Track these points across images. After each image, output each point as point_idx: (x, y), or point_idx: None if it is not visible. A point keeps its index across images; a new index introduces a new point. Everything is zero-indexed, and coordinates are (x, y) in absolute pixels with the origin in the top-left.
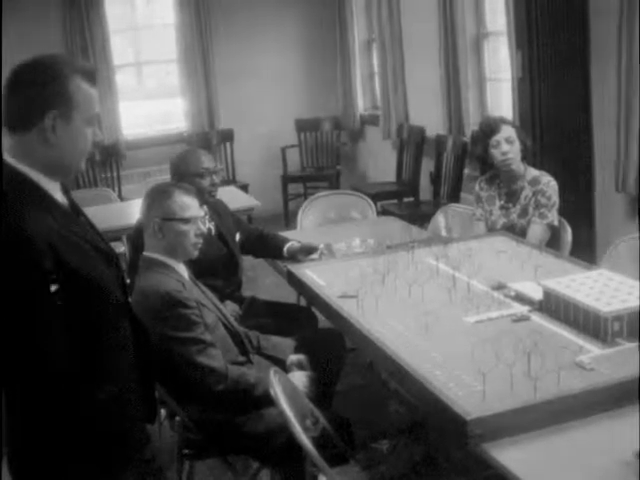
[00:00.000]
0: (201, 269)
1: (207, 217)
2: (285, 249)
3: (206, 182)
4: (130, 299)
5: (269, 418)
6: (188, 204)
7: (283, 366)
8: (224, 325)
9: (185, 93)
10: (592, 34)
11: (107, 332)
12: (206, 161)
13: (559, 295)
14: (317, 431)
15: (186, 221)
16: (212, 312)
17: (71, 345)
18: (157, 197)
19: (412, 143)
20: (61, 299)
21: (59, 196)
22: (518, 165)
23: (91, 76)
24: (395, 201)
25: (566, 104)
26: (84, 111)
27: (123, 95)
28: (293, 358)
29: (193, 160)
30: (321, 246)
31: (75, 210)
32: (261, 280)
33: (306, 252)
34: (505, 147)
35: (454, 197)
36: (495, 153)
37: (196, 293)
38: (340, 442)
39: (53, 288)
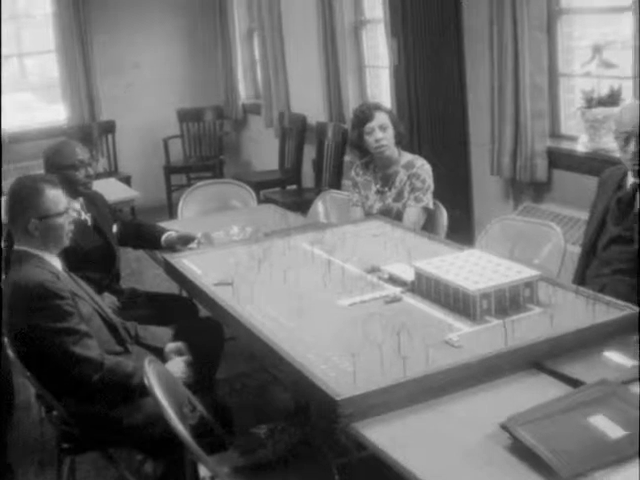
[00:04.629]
0: (77, 261)
1: (84, 209)
2: (163, 239)
3: (81, 174)
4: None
5: (147, 408)
6: (59, 196)
7: (162, 355)
8: (100, 316)
9: (65, 85)
10: (465, 20)
11: None
12: (80, 153)
13: (429, 275)
14: (195, 419)
15: (61, 214)
16: (87, 303)
17: None
18: (27, 197)
19: (294, 131)
20: None
21: None
22: (392, 150)
23: None
24: (278, 189)
25: (441, 89)
26: None
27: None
28: (171, 345)
29: (67, 152)
30: (199, 235)
31: None
32: (146, 272)
33: (184, 242)
34: (379, 134)
35: (336, 184)
36: (369, 140)
37: (70, 284)
38: (219, 428)
39: None
